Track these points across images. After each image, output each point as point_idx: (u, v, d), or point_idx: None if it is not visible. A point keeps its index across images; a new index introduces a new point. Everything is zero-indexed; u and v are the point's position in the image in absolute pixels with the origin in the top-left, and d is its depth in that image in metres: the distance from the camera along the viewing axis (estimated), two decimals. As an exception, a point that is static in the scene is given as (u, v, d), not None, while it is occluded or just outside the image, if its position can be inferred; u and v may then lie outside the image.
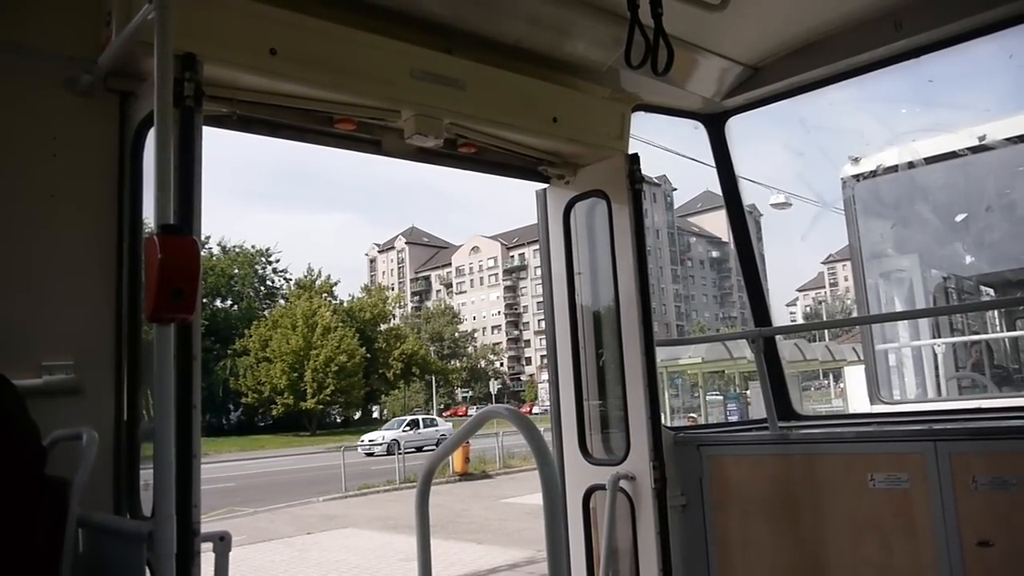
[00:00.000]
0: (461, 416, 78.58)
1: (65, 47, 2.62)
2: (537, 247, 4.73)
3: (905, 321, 8.26)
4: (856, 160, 7.86)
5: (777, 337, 4.80)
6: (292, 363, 67.02)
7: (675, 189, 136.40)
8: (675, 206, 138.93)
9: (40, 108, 2.59)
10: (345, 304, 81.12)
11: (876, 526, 3.57)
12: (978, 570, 3.27)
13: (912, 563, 3.45)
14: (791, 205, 23.03)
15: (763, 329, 4.44)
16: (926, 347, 8.16)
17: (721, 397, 40.55)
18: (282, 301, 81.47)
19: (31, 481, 2.10)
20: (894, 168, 7.64)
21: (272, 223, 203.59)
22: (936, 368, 8.12)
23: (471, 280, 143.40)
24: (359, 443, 43.10)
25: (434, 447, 17.58)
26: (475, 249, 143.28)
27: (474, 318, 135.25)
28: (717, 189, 4.65)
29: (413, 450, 36.22)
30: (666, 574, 3.75)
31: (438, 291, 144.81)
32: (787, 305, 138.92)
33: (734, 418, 29.72)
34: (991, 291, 9.14)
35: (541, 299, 4.61)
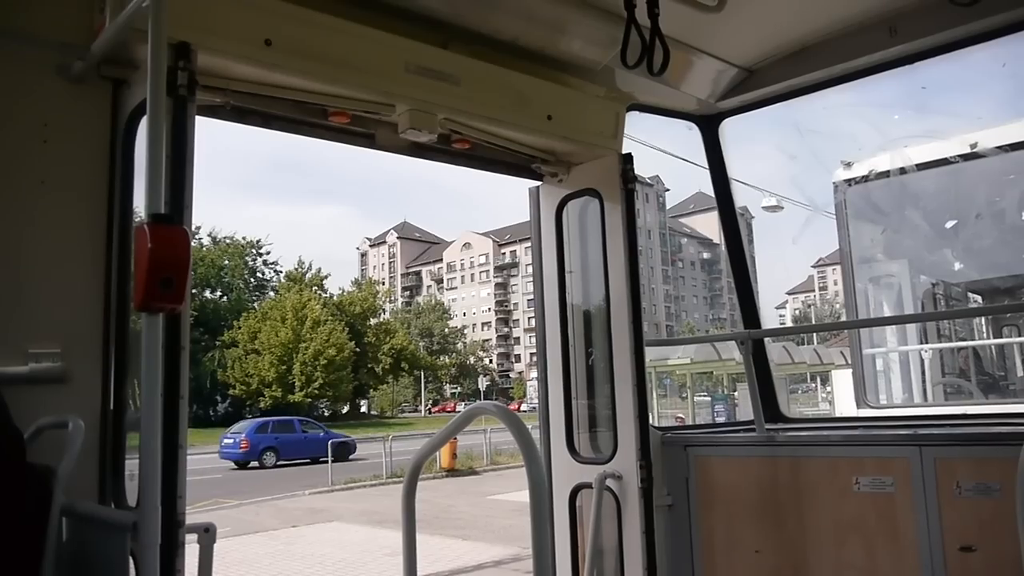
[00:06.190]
0: (449, 412, 78.66)
1: (58, 33, 2.60)
2: (529, 245, 4.73)
3: (893, 326, 8.30)
4: (848, 165, 7.89)
5: (766, 339, 4.81)
6: (281, 356, 66.88)
7: (668, 190, 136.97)
8: (667, 207, 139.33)
9: (31, 94, 2.57)
10: (335, 298, 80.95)
11: (860, 529, 3.59)
12: (960, 575, 3.29)
13: (895, 567, 3.47)
14: (783, 208, 23.12)
15: (752, 331, 4.45)
16: (913, 352, 8.20)
17: (709, 398, 40.64)
18: (272, 293, 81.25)
19: (13, 468, 2.09)
20: (886, 174, 7.67)
21: (263, 215, 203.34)
22: (923, 373, 8.17)
23: (462, 276, 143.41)
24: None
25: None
26: (467, 245, 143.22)
27: (464, 314, 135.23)
28: (710, 190, 4.67)
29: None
30: (651, 573, 3.76)
31: (429, 287, 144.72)
32: (776, 308, 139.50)
33: (721, 419, 29.80)
34: (979, 298, 9.20)
35: (532, 297, 4.61)
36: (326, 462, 27.59)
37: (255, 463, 34.72)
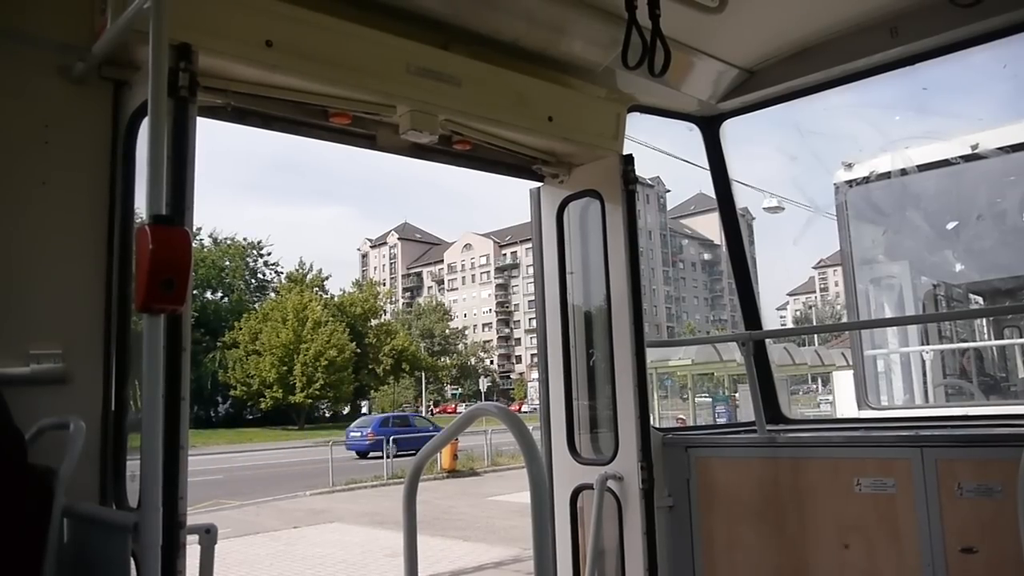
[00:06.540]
0: (450, 413, 78.65)
1: (59, 34, 2.60)
2: (530, 245, 4.73)
3: (894, 327, 8.30)
4: (849, 166, 7.88)
5: (767, 341, 4.81)
6: (281, 357, 66.90)
7: (668, 191, 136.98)
8: (668, 208, 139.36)
9: (32, 95, 2.57)
10: (336, 299, 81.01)
11: (861, 530, 3.58)
12: (961, 576, 3.29)
13: (896, 568, 3.47)
14: (784, 209, 23.14)
15: (753, 332, 4.45)
16: (914, 353, 8.19)
17: (710, 399, 40.65)
18: (273, 294, 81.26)
19: (15, 470, 2.09)
20: (887, 175, 7.66)
21: (264, 216, 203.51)
22: (924, 375, 8.16)
23: (463, 277, 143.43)
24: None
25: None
26: (468, 246, 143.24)
27: (465, 315, 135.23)
28: (710, 191, 4.66)
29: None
30: (652, 575, 3.76)
31: (429, 287, 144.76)
32: (777, 309, 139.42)
33: (722, 420, 29.78)
34: (980, 299, 9.19)
35: (533, 297, 4.61)
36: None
37: (377, 453, 36.15)
